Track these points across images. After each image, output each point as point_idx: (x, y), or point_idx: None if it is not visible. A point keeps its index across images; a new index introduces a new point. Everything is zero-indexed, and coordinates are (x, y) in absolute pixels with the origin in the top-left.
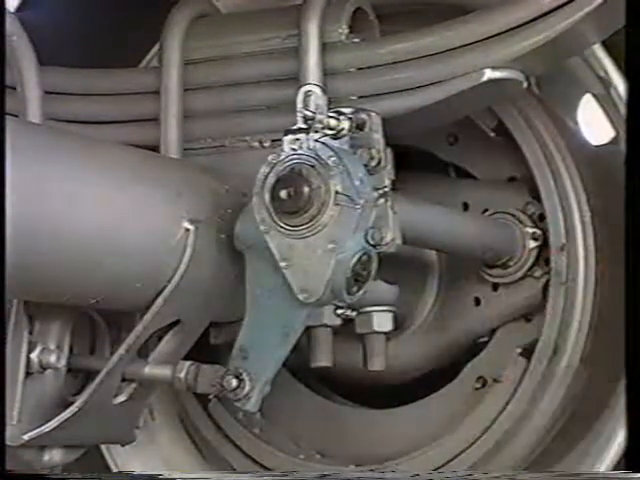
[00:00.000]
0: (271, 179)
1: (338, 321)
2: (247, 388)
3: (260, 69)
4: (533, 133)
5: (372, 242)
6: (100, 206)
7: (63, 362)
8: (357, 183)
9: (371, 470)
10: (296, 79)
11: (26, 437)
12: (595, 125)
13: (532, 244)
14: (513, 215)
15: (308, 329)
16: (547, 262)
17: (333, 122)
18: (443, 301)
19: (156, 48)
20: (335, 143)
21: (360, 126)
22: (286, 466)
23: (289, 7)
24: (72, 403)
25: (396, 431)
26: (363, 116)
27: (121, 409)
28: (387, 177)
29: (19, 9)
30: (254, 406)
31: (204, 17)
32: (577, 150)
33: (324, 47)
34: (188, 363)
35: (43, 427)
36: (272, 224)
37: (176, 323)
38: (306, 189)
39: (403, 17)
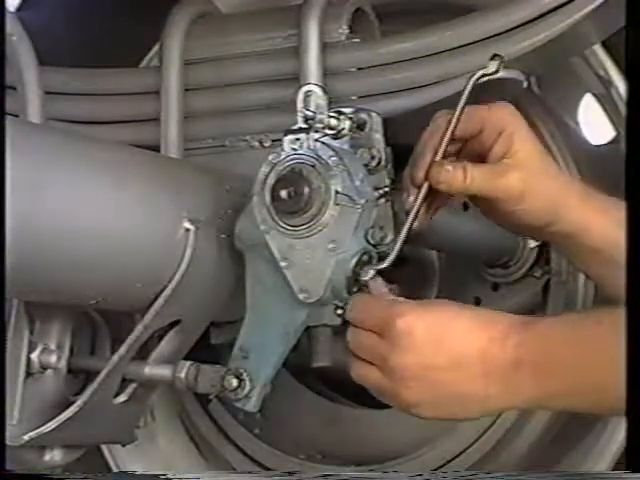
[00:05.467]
0: (271, 179)
1: (338, 321)
2: (247, 388)
3: (260, 69)
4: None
5: (373, 242)
6: (100, 206)
7: (63, 362)
8: (357, 183)
9: (371, 470)
10: (296, 79)
11: (26, 437)
12: (595, 125)
13: (532, 243)
14: None
15: (308, 329)
16: (547, 262)
17: (334, 122)
18: None
19: (156, 48)
20: (335, 143)
21: (361, 126)
22: (286, 466)
23: (289, 7)
24: (72, 403)
25: (396, 431)
26: (364, 116)
27: (121, 409)
28: (388, 177)
29: (19, 9)
30: (254, 406)
31: (204, 17)
32: (577, 150)
33: (324, 47)
34: (188, 363)
35: (43, 427)
36: (272, 224)
37: (176, 323)
38: (306, 189)
39: (403, 17)
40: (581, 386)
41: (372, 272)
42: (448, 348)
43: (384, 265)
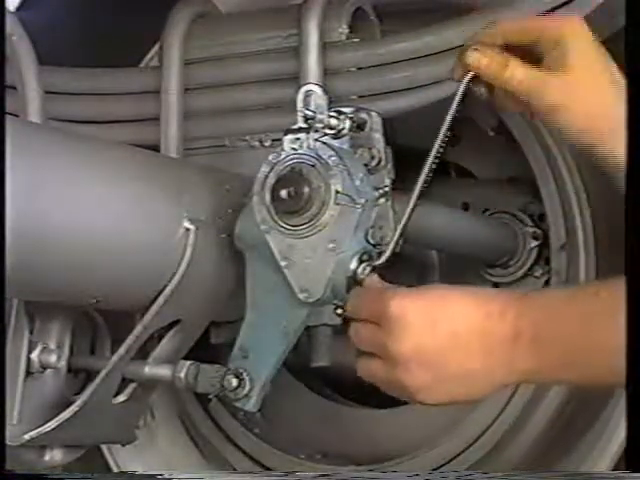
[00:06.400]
0: (271, 179)
1: (338, 320)
2: (247, 388)
3: (260, 69)
4: (534, 132)
5: (373, 242)
6: (100, 206)
7: (63, 362)
8: (358, 183)
9: (371, 470)
10: (296, 79)
11: (26, 437)
12: None
13: (533, 243)
14: (514, 215)
15: (308, 329)
16: (547, 261)
17: (334, 122)
18: None
19: (156, 48)
20: (335, 143)
21: (361, 126)
22: (286, 466)
23: (289, 7)
24: (72, 403)
25: (396, 431)
26: (364, 115)
27: (121, 409)
28: (387, 176)
29: (19, 9)
30: (254, 406)
31: (204, 17)
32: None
33: (324, 47)
34: (188, 363)
35: (43, 427)
36: (272, 224)
37: (176, 323)
38: (306, 189)
39: (403, 17)
40: (580, 356)
41: (368, 268)
42: (444, 326)
43: (380, 261)
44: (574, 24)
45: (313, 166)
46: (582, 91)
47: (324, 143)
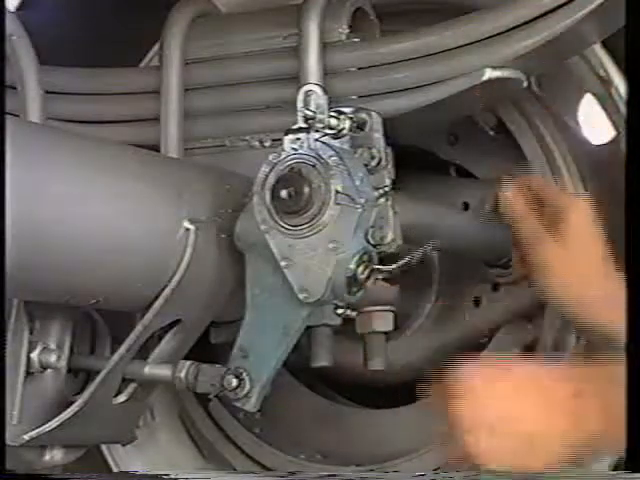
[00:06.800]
0: (271, 179)
1: (338, 321)
2: (247, 388)
3: (260, 68)
4: (533, 132)
5: (373, 242)
6: (100, 206)
7: (63, 362)
8: (358, 183)
9: (372, 470)
10: (296, 79)
11: (27, 437)
12: (596, 124)
13: None
14: None
15: (308, 329)
16: None
17: (334, 122)
18: (443, 301)
19: (156, 47)
20: (336, 143)
21: (361, 126)
22: (287, 466)
23: (289, 6)
24: (73, 403)
25: (397, 431)
26: (364, 115)
27: (121, 409)
28: (388, 176)
29: (19, 9)
30: (254, 406)
31: (204, 17)
32: (577, 149)
33: (324, 47)
34: (188, 363)
35: (43, 427)
36: (273, 224)
37: (176, 323)
38: (307, 189)
39: (403, 17)
40: None
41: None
42: (505, 383)
43: (392, 267)
44: (581, 208)
45: (313, 166)
46: (572, 267)
47: (324, 143)
